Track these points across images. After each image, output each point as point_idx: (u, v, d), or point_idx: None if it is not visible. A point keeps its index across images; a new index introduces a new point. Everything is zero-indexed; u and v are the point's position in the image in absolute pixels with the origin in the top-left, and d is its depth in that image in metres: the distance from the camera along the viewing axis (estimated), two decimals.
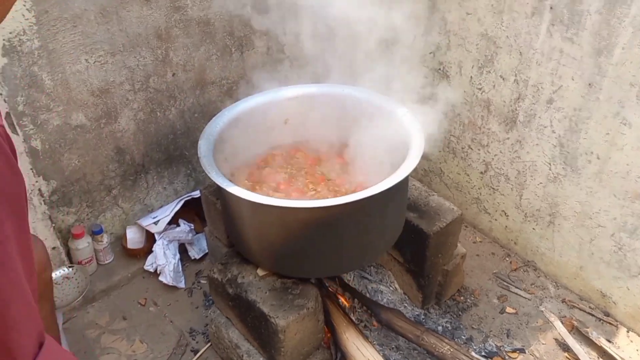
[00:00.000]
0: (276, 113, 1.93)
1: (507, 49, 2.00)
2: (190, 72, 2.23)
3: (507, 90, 2.07)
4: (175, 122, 2.30)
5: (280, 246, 1.67)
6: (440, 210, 1.97)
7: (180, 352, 2.05)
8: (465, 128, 2.31)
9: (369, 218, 1.62)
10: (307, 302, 1.67)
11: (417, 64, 2.38)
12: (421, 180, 2.68)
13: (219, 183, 1.53)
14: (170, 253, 2.27)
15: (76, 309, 2.20)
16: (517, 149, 2.14)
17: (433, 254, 1.96)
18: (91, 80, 1.99)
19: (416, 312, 2.10)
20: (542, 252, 2.25)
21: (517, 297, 2.20)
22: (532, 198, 2.18)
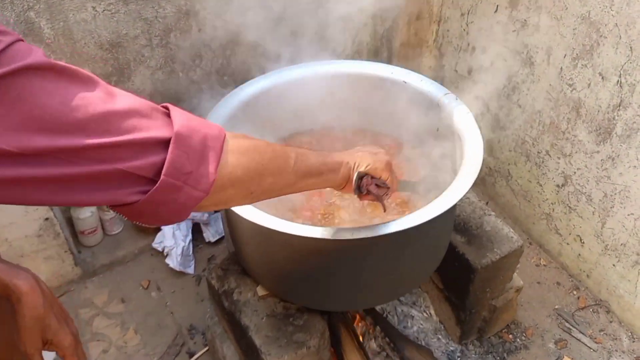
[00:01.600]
0: (296, 96, 1.57)
1: (613, 41, 1.52)
2: (220, 29, 1.89)
3: (606, 93, 1.60)
4: (201, 84, 1.99)
5: (284, 271, 1.35)
6: (496, 238, 1.57)
7: (175, 352, 1.81)
8: (545, 129, 1.86)
9: (399, 252, 1.26)
10: (310, 339, 1.36)
11: (494, 42, 1.92)
12: (484, 180, 2.26)
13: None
14: (181, 234, 2.01)
15: (74, 282, 2.00)
16: (607, 166, 1.68)
17: (479, 289, 1.59)
18: (99, 31, 1.69)
19: (451, 348, 1.75)
20: (620, 293, 1.82)
21: (580, 345, 1.80)
22: (618, 229, 1.73)
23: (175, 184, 0.69)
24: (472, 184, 1.21)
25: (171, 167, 0.68)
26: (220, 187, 0.77)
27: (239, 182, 0.81)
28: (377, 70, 1.58)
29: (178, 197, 0.70)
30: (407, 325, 1.77)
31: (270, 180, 0.87)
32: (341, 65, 1.63)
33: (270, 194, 0.90)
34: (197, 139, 0.72)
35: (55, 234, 1.84)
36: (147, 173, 0.67)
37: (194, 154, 0.72)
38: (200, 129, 0.73)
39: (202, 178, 0.73)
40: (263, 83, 1.56)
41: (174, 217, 0.74)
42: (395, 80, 1.56)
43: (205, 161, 0.73)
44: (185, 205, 0.72)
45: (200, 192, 0.73)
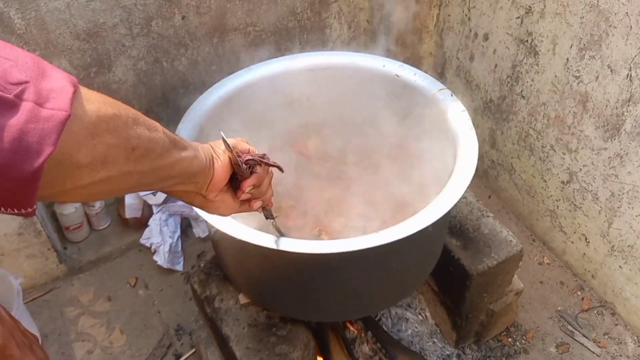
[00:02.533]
0: (283, 89, 1.47)
1: (623, 31, 1.40)
2: (205, 15, 1.78)
3: (615, 87, 1.49)
4: (187, 75, 1.89)
5: (264, 282, 1.27)
6: (493, 242, 1.48)
7: (161, 354, 1.75)
8: (550, 123, 1.75)
9: (385, 264, 1.18)
10: (293, 351, 1.29)
11: (496, 29, 1.80)
12: (486, 172, 2.16)
13: None
14: (169, 230, 1.94)
15: (60, 279, 1.94)
16: (615, 164, 1.58)
17: (475, 295, 1.51)
18: (74, 20, 1.60)
19: (447, 352, 1.68)
20: (626, 296, 1.73)
21: (582, 349, 1.72)
22: (626, 230, 1.63)
23: (3, 97, 0.47)
24: (465, 188, 1.12)
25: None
26: (93, 128, 0.57)
27: (114, 125, 0.60)
28: (368, 62, 1.48)
29: (14, 121, 0.47)
30: (402, 328, 1.69)
31: (147, 134, 0.67)
32: (330, 56, 1.52)
33: (152, 159, 0.69)
34: (27, 54, 0.52)
35: (37, 232, 1.77)
36: None
37: (24, 64, 0.50)
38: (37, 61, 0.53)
39: (51, 92, 0.51)
40: (249, 76, 1.47)
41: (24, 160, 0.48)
42: (387, 74, 1.45)
43: (47, 76, 0.52)
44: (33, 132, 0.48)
45: (51, 110, 0.50)
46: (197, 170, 0.80)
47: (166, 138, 0.71)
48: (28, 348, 0.90)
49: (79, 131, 0.54)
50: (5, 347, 0.85)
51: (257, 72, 1.46)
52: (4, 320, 0.87)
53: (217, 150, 0.86)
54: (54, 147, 0.49)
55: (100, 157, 0.58)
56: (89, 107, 0.56)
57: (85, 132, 0.55)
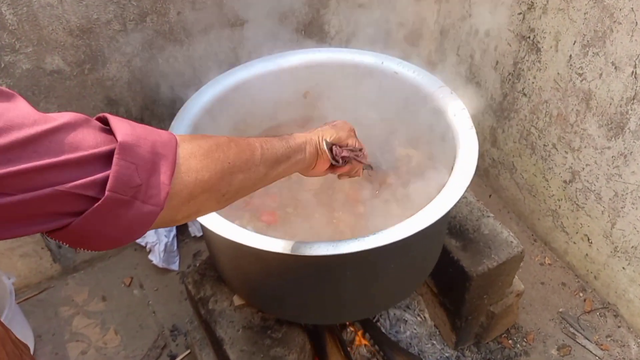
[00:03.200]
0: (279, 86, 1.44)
1: (628, 27, 1.37)
2: (201, 11, 1.75)
3: (619, 85, 1.45)
4: (183, 72, 1.86)
5: (258, 285, 1.24)
6: (494, 243, 1.45)
7: (155, 355, 1.73)
8: (552, 121, 1.72)
9: (382, 266, 1.15)
10: (288, 355, 1.26)
11: (498, 25, 1.77)
12: (487, 171, 2.12)
13: None
14: (164, 229, 1.91)
15: (54, 279, 1.92)
16: (619, 164, 1.54)
17: (475, 296, 1.48)
18: (67, 16, 1.56)
19: (446, 354, 1.65)
20: (629, 297, 1.70)
21: (584, 352, 1.69)
22: (629, 231, 1.60)
23: (123, 199, 0.60)
24: (465, 188, 1.09)
25: (116, 181, 0.59)
26: (189, 196, 0.70)
27: (209, 186, 0.73)
28: (367, 59, 1.45)
29: (126, 214, 0.62)
30: (400, 330, 1.67)
31: (240, 177, 0.79)
32: (328, 53, 1.49)
33: (243, 192, 0.83)
34: (146, 147, 0.64)
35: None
36: (90, 191, 0.58)
37: (143, 165, 0.63)
38: (147, 137, 0.65)
39: (153, 190, 0.64)
40: (242, 73, 1.44)
41: (126, 237, 0.64)
42: (386, 71, 1.42)
43: (156, 172, 0.65)
44: (136, 222, 0.63)
45: (152, 207, 0.64)
46: (298, 170, 0.97)
47: (263, 168, 0.84)
48: (18, 358, 0.88)
49: (177, 204, 0.69)
50: None
51: (253, 69, 1.43)
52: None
53: (322, 146, 1.00)
54: (145, 232, 0.65)
55: (193, 211, 0.73)
56: (188, 179, 0.69)
57: (182, 202, 0.69)
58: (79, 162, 0.57)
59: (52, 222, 0.57)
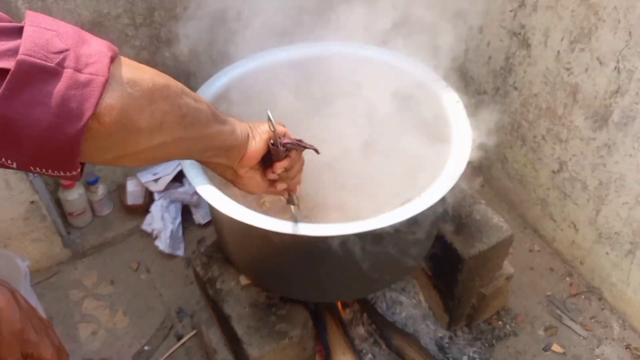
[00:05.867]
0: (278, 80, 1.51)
1: (611, 24, 1.46)
2: (207, 7, 1.83)
3: (604, 79, 1.54)
4: (188, 65, 1.93)
5: (264, 264, 1.33)
6: (485, 227, 1.54)
7: (163, 335, 1.81)
8: (541, 114, 1.81)
9: (383, 246, 1.23)
10: (292, 330, 1.35)
11: (490, 22, 1.85)
12: (480, 162, 2.21)
13: (187, 174, 1.17)
14: (170, 216, 1.99)
15: (64, 263, 1.99)
16: (603, 154, 1.64)
17: (467, 278, 1.57)
18: (79, 10, 1.64)
19: (439, 334, 1.74)
20: (612, 281, 1.79)
21: (570, 333, 1.78)
22: (612, 218, 1.69)
23: (44, 65, 0.51)
24: (460, 174, 1.18)
25: (30, 43, 0.51)
26: (150, 93, 0.63)
27: (167, 94, 0.67)
28: (364, 53, 1.53)
29: (57, 88, 0.51)
30: (396, 311, 1.75)
31: (194, 104, 0.74)
32: (328, 47, 1.58)
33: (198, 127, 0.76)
34: (68, 25, 0.57)
35: (42, 216, 1.82)
36: (4, 62, 0.50)
37: (66, 33, 0.55)
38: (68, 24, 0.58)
39: (89, 58, 0.54)
40: (249, 65, 1.52)
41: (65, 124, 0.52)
42: (382, 64, 1.50)
43: (86, 42, 0.56)
44: (74, 96, 0.52)
45: (90, 75, 0.53)
46: (232, 144, 0.87)
47: (208, 110, 0.79)
48: (44, 333, 0.94)
49: (139, 97, 0.60)
50: (23, 332, 0.90)
51: (257, 62, 1.51)
52: (22, 306, 0.92)
53: (255, 130, 0.93)
54: (93, 110, 0.53)
55: (157, 122, 0.65)
56: (144, 75, 0.62)
57: (144, 98, 0.61)
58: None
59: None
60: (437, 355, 1.67)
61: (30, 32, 0.51)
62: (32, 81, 0.49)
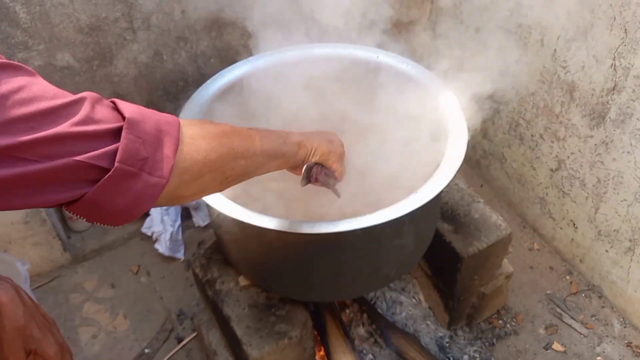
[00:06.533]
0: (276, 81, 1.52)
1: (607, 22, 1.46)
2: (204, 10, 1.84)
3: (600, 76, 1.55)
4: (187, 68, 1.94)
5: (262, 264, 1.33)
6: (483, 226, 1.54)
7: (163, 337, 1.81)
8: (539, 112, 1.81)
9: (381, 244, 1.24)
10: (291, 330, 1.35)
11: (487, 21, 1.86)
12: (479, 162, 2.22)
13: None
14: (169, 219, 2.00)
15: (65, 267, 2.00)
16: (601, 151, 1.64)
17: (466, 277, 1.57)
18: (77, 14, 1.65)
19: (440, 334, 1.74)
20: (612, 279, 1.79)
21: (570, 331, 1.78)
22: (611, 215, 1.70)
23: (131, 171, 0.67)
24: (457, 170, 1.18)
25: (125, 153, 0.65)
26: (198, 173, 0.77)
27: (216, 167, 0.80)
28: (363, 54, 1.54)
29: (134, 186, 0.68)
30: (396, 311, 1.75)
31: (242, 163, 0.87)
32: (324, 48, 1.58)
33: (243, 177, 0.90)
34: (151, 124, 0.70)
35: (42, 220, 1.82)
36: (102, 162, 0.64)
37: (148, 139, 0.69)
38: (152, 115, 0.72)
39: (159, 163, 0.70)
40: (245, 67, 1.52)
41: (135, 208, 0.70)
42: (381, 65, 1.51)
43: (161, 146, 0.71)
44: (144, 193, 0.69)
45: (157, 178, 0.70)
46: (288, 167, 1.06)
47: (262, 159, 0.92)
48: (47, 330, 0.95)
49: (187, 179, 0.75)
50: (27, 328, 0.90)
51: (254, 64, 1.51)
52: (26, 302, 0.92)
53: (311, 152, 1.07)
54: (154, 203, 0.71)
55: (199, 190, 0.80)
56: (197, 157, 0.76)
57: (191, 178, 0.76)
58: (93, 135, 0.64)
59: (68, 192, 0.63)
60: (437, 355, 1.67)
61: (126, 141, 0.65)
62: (120, 180, 0.66)
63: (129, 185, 0.67)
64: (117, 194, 0.67)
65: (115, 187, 0.66)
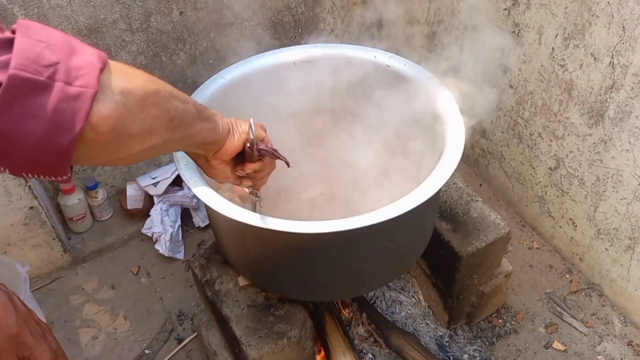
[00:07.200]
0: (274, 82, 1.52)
1: (605, 20, 1.46)
2: (202, 11, 1.84)
3: (598, 75, 1.54)
4: (186, 69, 1.95)
5: (260, 264, 1.33)
6: (482, 225, 1.54)
7: (164, 338, 1.81)
8: (537, 111, 1.81)
9: (378, 243, 1.24)
10: (290, 330, 1.35)
11: (485, 21, 1.86)
12: (477, 162, 2.22)
13: (180, 172, 1.17)
14: (169, 220, 2.00)
15: (65, 269, 2.00)
16: (600, 150, 1.64)
17: (465, 276, 1.57)
18: (76, 16, 1.65)
19: (439, 333, 1.74)
20: (612, 277, 1.79)
21: (571, 329, 1.78)
22: (611, 213, 1.69)
23: (36, 79, 0.52)
24: (453, 171, 1.17)
25: (21, 57, 0.51)
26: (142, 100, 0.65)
27: (157, 99, 0.69)
28: (360, 54, 1.53)
29: (48, 101, 0.53)
30: (396, 310, 1.76)
31: (182, 106, 0.77)
32: (323, 49, 1.58)
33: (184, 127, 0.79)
34: (58, 33, 0.57)
35: (42, 222, 1.83)
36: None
37: (55, 43, 0.55)
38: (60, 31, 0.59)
39: (79, 70, 0.55)
40: (244, 68, 1.52)
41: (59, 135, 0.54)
42: (378, 65, 1.51)
43: (76, 52, 0.57)
44: (65, 110, 0.53)
45: (79, 88, 0.54)
46: (212, 140, 0.92)
47: (194, 109, 0.82)
48: (41, 336, 0.94)
49: (133, 106, 0.63)
50: (19, 335, 0.90)
51: (252, 64, 1.50)
52: (19, 309, 0.92)
53: (236, 128, 0.97)
54: (84, 123, 0.55)
55: (147, 127, 0.67)
56: (136, 82, 0.64)
57: (137, 107, 0.63)
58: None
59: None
60: (437, 354, 1.67)
61: (21, 44, 0.51)
62: (24, 95, 0.51)
63: (39, 102, 0.52)
64: (25, 115, 0.51)
65: (20, 105, 0.51)
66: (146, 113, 0.66)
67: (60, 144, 0.54)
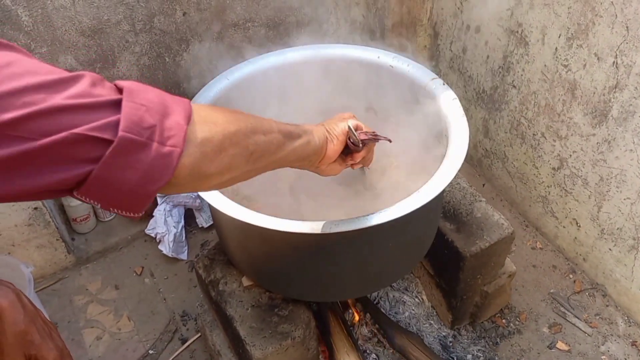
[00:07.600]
0: (279, 82, 1.52)
1: (609, 20, 1.46)
2: (206, 12, 1.84)
3: (602, 75, 1.54)
4: (189, 70, 1.95)
5: (264, 264, 1.33)
6: (486, 225, 1.54)
7: (167, 338, 1.82)
8: (540, 111, 1.81)
9: (382, 243, 1.24)
10: (294, 330, 1.35)
11: (488, 21, 1.86)
12: (480, 162, 2.22)
13: None
14: (173, 220, 2.00)
15: (69, 269, 2.00)
16: (603, 150, 1.64)
17: (469, 276, 1.57)
18: (79, 17, 1.66)
19: (443, 333, 1.74)
20: (616, 277, 1.79)
21: (574, 330, 1.78)
22: (614, 213, 1.69)
23: (138, 140, 0.61)
24: (458, 169, 1.18)
25: (127, 121, 0.60)
26: (220, 145, 0.73)
27: (237, 140, 0.76)
28: (363, 54, 1.54)
29: (145, 157, 0.62)
30: (399, 311, 1.76)
31: (263, 139, 0.83)
32: (326, 49, 1.58)
33: (267, 156, 0.85)
34: (153, 93, 0.66)
35: (46, 222, 1.83)
36: (104, 134, 0.59)
37: (153, 107, 0.64)
38: (154, 88, 0.67)
39: (170, 131, 0.65)
40: (247, 69, 1.53)
41: (149, 184, 0.64)
42: (381, 65, 1.51)
43: (168, 114, 0.66)
44: (157, 165, 0.63)
45: (171, 147, 0.64)
46: (311, 153, 0.99)
47: (280, 136, 0.88)
48: (48, 335, 0.95)
49: (210, 151, 0.71)
50: (27, 333, 0.90)
51: (255, 65, 1.51)
52: (26, 307, 0.93)
53: (333, 132, 1.05)
54: (171, 176, 0.65)
55: (226, 165, 0.75)
56: (216, 129, 0.72)
57: (214, 151, 0.71)
58: (92, 106, 0.59)
59: (70, 170, 0.58)
60: (441, 354, 1.67)
61: (128, 108, 0.61)
62: (128, 152, 0.61)
63: (138, 157, 0.62)
64: (126, 167, 0.61)
65: (123, 159, 0.61)
66: (224, 154, 0.74)
67: (150, 190, 0.64)
